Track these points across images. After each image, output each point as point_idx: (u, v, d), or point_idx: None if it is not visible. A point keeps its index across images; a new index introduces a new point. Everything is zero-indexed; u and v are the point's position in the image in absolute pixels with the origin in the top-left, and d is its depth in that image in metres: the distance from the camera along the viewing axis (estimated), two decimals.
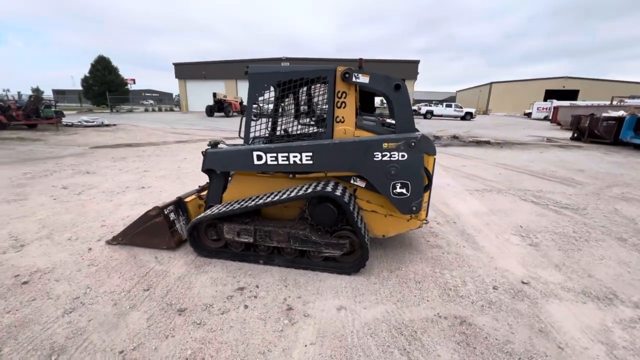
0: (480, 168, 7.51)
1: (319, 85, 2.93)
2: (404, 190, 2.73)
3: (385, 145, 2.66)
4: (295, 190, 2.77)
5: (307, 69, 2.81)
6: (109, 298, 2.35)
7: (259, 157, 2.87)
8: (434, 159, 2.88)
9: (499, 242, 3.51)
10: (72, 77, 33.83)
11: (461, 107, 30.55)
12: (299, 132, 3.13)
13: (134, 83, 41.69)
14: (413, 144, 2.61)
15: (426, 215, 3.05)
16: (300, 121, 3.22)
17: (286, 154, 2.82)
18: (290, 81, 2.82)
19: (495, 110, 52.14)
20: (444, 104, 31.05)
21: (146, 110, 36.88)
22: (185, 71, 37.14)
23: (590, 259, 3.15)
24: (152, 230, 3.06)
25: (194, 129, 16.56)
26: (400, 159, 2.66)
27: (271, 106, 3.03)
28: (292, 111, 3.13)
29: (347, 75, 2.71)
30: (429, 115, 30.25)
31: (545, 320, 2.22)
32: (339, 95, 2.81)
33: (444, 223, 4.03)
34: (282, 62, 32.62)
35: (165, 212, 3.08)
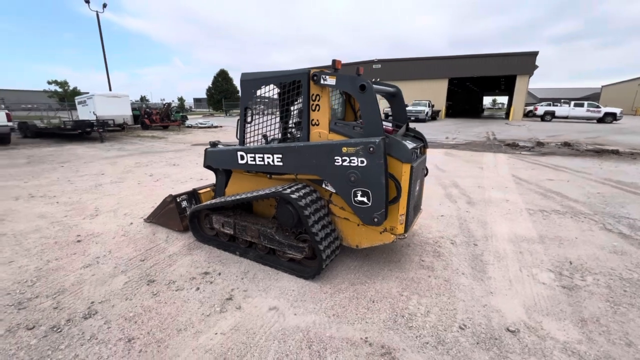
0: (572, 184, 5.91)
1: (296, 88, 2.97)
2: (364, 199, 2.52)
3: (344, 149, 2.52)
4: (265, 190, 2.90)
5: (284, 73, 2.90)
6: (115, 262, 3.01)
7: (242, 157, 3.13)
8: (411, 166, 2.54)
9: (517, 276, 2.80)
10: (208, 87, 43.45)
11: (598, 107, 24.02)
12: (298, 135, 3.22)
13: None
14: (371, 149, 2.39)
15: (405, 231, 2.71)
16: (287, 124, 3.32)
17: (262, 155, 2.98)
18: (279, 85, 2.97)
19: None
20: (572, 103, 24.98)
21: None
22: None
23: None
24: (168, 214, 3.70)
25: None
26: (359, 164, 2.47)
27: (268, 108, 3.24)
28: (278, 114, 3.26)
29: (315, 77, 2.69)
30: (548, 117, 24.95)
31: None
32: (314, 98, 2.80)
33: (461, 244, 3.44)
34: (374, 64, 32.38)
35: (178, 200, 3.67)
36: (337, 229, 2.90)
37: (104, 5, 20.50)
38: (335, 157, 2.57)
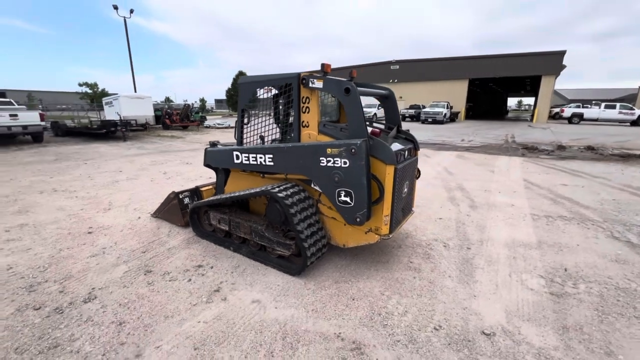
0: (587, 190, 5.66)
1: (288, 91, 3.07)
2: (348, 199, 2.59)
3: (328, 150, 2.60)
4: (256, 189, 3.02)
5: (277, 77, 3.01)
6: (119, 253, 3.24)
7: (237, 157, 3.27)
8: (395, 168, 2.58)
9: (506, 281, 2.76)
10: (227, 88, 45.26)
11: (632, 109, 22.64)
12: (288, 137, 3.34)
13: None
14: (353, 150, 2.45)
15: (390, 232, 2.75)
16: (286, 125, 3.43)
17: (255, 155, 3.11)
18: (270, 88, 3.09)
19: None
20: (603, 104, 23.64)
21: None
22: None
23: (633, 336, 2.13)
24: (171, 210, 3.91)
25: None
26: (342, 165, 2.54)
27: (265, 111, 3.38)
28: (274, 116, 3.38)
29: (304, 81, 2.78)
30: (575, 119, 23.77)
31: None
32: (304, 100, 2.90)
33: (454, 247, 3.41)
34: (392, 65, 32.06)
35: (180, 197, 3.88)
36: (325, 228, 2.98)
37: (131, 11, 21.60)
38: (321, 158, 2.65)
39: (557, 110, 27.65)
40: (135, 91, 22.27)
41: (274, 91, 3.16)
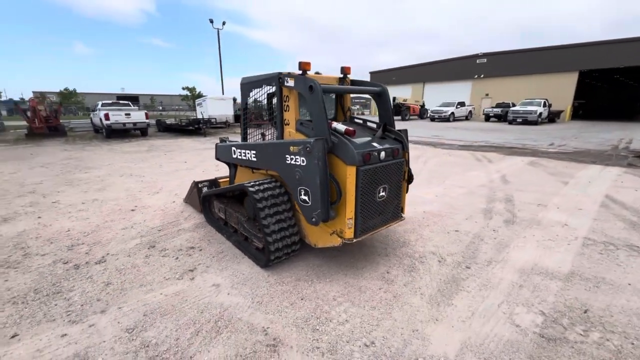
0: None
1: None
2: (306, 198, 2.56)
3: (291, 148, 2.61)
4: (236, 184, 3.23)
5: (265, 76, 3.15)
6: (141, 228, 3.87)
7: (234, 152, 3.54)
8: (357, 169, 2.43)
9: (489, 310, 2.32)
10: None
11: None
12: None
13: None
14: (307, 148, 2.41)
15: (355, 236, 2.60)
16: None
17: (244, 151, 3.32)
18: (260, 88, 3.26)
19: None
20: None
21: None
22: (379, 78, 40.53)
23: None
24: (192, 197, 4.45)
25: None
26: (301, 164, 2.53)
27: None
28: (268, 115, 3.52)
29: (280, 79, 2.84)
30: None
31: None
32: (285, 99, 2.97)
33: (450, 264, 3.00)
34: (478, 58, 28.72)
35: (200, 186, 4.37)
36: (300, 226, 2.99)
37: (223, 23, 24.79)
38: (286, 156, 2.69)
39: None
40: (223, 93, 25.40)
41: (267, 90, 3.30)
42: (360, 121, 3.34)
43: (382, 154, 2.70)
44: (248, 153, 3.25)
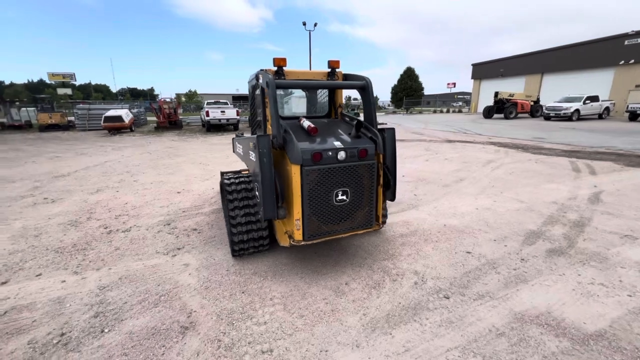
0: None
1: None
2: (257, 194, 2.56)
3: (251, 144, 2.64)
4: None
5: (254, 75, 3.25)
6: (173, 208, 4.55)
7: (235, 147, 3.79)
8: (301, 168, 2.31)
9: (422, 347, 1.89)
10: (393, 85, 46.03)
11: None
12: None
13: (454, 86, 45.28)
14: (252, 144, 2.41)
15: (305, 239, 2.46)
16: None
17: (239, 146, 3.53)
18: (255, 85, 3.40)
19: None
20: None
21: (434, 112, 39.80)
22: (483, 71, 35.50)
23: None
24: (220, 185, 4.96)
25: (442, 130, 16.59)
26: (253, 159, 2.54)
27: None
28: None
29: (257, 77, 2.90)
30: None
31: None
32: (266, 96, 3.02)
33: (426, 289, 2.53)
34: (627, 38, 22.01)
35: (224, 176, 4.83)
36: (272, 224, 3.01)
37: (315, 25, 25.97)
38: (250, 152, 2.74)
39: None
40: None
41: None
42: (347, 118, 3.11)
43: (342, 154, 2.47)
44: (240, 148, 3.44)
